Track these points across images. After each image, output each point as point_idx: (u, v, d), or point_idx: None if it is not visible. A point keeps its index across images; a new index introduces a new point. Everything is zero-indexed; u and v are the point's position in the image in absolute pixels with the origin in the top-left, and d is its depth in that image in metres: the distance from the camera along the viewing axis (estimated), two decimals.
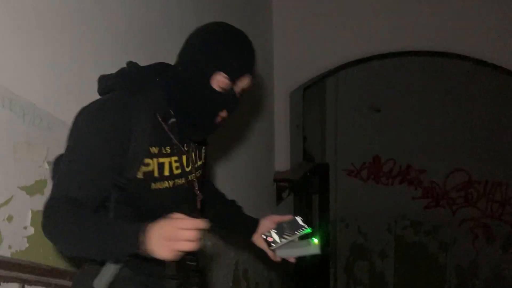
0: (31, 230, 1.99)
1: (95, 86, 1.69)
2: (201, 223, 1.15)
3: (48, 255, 2.08)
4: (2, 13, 1.80)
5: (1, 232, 1.87)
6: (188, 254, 1.22)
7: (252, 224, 1.70)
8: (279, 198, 4.69)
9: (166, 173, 1.45)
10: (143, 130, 1.37)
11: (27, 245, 1.99)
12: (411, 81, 6.26)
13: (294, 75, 4.59)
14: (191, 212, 1.47)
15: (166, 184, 1.44)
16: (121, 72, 1.51)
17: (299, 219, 1.59)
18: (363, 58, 4.48)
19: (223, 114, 1.45)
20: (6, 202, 1.88)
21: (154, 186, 1.42)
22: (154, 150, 1.42)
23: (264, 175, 4.50)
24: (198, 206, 1.58)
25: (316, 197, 6.25)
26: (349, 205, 6.83)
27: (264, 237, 1.65)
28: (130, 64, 1.54)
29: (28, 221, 1.98)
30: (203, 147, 1.70)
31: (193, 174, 1.55)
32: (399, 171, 6.65)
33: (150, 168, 1.41)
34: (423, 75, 6.20)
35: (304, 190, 5.52)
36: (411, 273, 6.70)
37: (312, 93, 5.95)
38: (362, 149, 6.69)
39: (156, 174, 1.42)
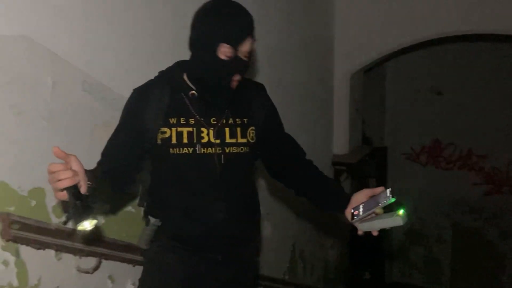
0: (107, 207, 2.11)
1: None
2: (58, 166, 1.32)
3: (123, 231, 2.20)
4: (81, 3, 1.89)
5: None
6: (73, 193, 1.34)
7: (344, 199, 1.68)
8: (337, 182, 4.70)
9: (185, 140, 1.65)
10: (160, 104, 1.65)
11: (103, 221, 2.11)
12: (474, 64, 6.06)
13: (355, 58, 4.54)
14: (209, 179, 1.67)
15: (185, 150, 1.65)
16: None
17: (388, 191, 1.54)
18: (426, 42, 4.38)
19: (236, 78, 1.63)
20: None
21: (172, 151, 1.65)
22: (173, 120, 1.66)
23: (322, 158, 4.51)
24: (217, 174, 1.68)
25: (373, 181, 6.22)
26: (407, 189, 6.71)
27: (352, 211, 1.63)
28: None
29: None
30: (251, 127, 1.75)
31: (219, 147, 1.67)
32: (459, 155, 6.48)
33: (166, 136, 1.65)
34: (487, 59, 5.99)
35: (361, 174, 5.50)
36: (469, 260, 6.56)
37: (372, 75, 5.87)
38: (421, 133, 6.55)
39: (174, 140, 1.64)
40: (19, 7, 1.68)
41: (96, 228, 2.06)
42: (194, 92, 1.68)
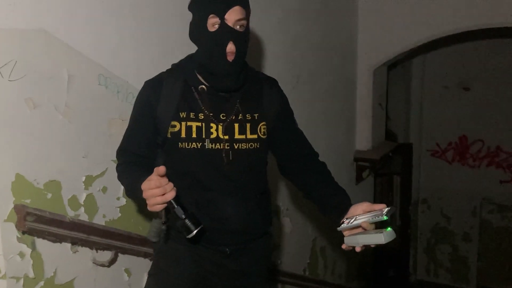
0: (123, 201, 2.12)
1: None
2: (161, 181, 1.40)
3: (139, 225, 2.20)
4: None
5: (96, 202, 2.01)
6: (170, 204, 1.44)
7: (343, 208, 1.65)
8: (359, 178, 4.64)
9: (194, 135, 1.66)
10: (171, 98, 1.66)
11: (119, 214, 2.13)
12: (503, 59, 5.90)
13: (378, 53, 4.46)
14: (217, 175, 1.67)
15: (194, 145, 1.65)
16: None
17: (385, 209, 1.49)
18: (452, 37, 4.29)
19: (230, 48, 1.57)
20: (102, 174, 2.01)
21: (181, 145, 1.66)
22: (183, 114, 1.66)
23: (344, 154, 4.47)
24: (225, 170, 1.68)
25: (397, 178, 6.14)
26: (432, 187, 6.61)
27: (344, 219, 1.60)
28: None
29: (120, 192, 2.11)
30: (262, 122, 1.74)
31: (227, 143, 1.67)
32: (487, 152, 6.33)
33: (176, 129, 1.65)
34: None
35: (385, 170, 5.43)
36: (496, 259, 6.42)
37: (397, 70, 5.78)
38: (448, 129, 6.41)
39: (183, 135, 1.65)
40: (37, 0, 1.69)
41: (113, 222, 2.09)
42: (203, 86, 1.68)
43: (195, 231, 1.46)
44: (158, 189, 1.41)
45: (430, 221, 6.77)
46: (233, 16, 1.56)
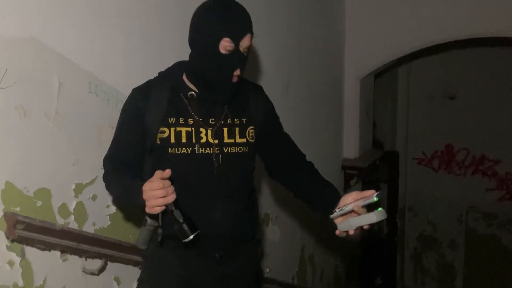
0: (113, 209, 2.12)
1: None
2: (165, 183, 1.43)
3: (128, 233, 2.20)
4: (87, 4, 1.91)
5: (86, 210, 2.00)
6: (169, 207, 1.46)
7: (333, 200, 1.70)
8: (347, 186, 4.67)
9: (184, 140, 1.67)
10: (160, 104, 1.68)
11: (109, 222, 2.12)
12: (487, 68, 6.00)
13: (364, 62, 4.52)
14: (207, 179, 1.68)
15: (184, 150, 1.67)
16: None
17: (374, 194, 1.56)
18: (437, 46, 4.35)
19: (237, 72, 1.64)
20: (91, 182, 2.00)
21: (170, 150, 1.67)
22: (171, 120, 1.68)
23: (332, 162, 4.49)
24: (215, 174, 1.69)
25: (384, 186, 6.18)
26: (419, 194, 6.67)
27: (336, 209, 1.66)
28: None
29: (110, 200, 2.11)
30: (250, 126, 1.76)
31: (217, 148, 1.69)
32: (472, 160, 6.42)
33: (165, 135, 1.67)
34: (499, 63, 5.94)
35: (372, 178, 5.47)
36: (483, 266, 6.48)
37: (383, 79, 5.84)
38: (434, 137, 6.50)
39: (172, 140, 1.67)
40: (27, 9, 1.69)
41: (103, 230, 2.08)
42: (193, 93, 1.71)
43: (191, 236, 1.48)
44: (160, 191, 1.43)
45: (416, 229, 6.83)
46: (245, 43, 1.61)
